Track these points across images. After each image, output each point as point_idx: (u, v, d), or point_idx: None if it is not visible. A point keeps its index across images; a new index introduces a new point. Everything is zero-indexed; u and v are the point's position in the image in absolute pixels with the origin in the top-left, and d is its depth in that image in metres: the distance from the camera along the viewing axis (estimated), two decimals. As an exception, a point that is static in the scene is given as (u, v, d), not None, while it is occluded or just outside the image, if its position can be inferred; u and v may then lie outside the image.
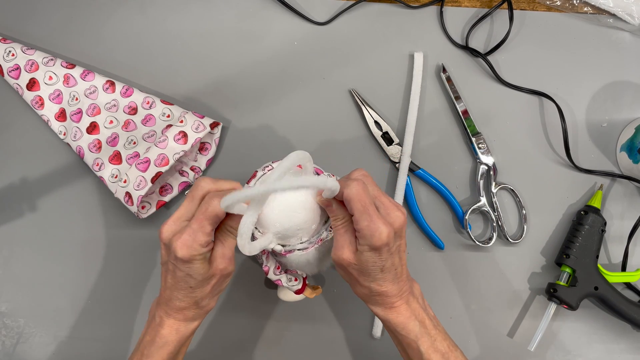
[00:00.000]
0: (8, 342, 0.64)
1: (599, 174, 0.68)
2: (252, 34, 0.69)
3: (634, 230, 0.66)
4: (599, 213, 0.65)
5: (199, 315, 0.50)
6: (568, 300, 0.62)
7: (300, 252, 0.51)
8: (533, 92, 0.68)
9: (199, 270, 0.46)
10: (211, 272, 0.47)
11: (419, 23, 0.70)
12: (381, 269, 0.46)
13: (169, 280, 0.48)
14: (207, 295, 0.49)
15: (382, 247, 0.45)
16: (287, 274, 0.56)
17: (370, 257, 0.45)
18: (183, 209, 0.46)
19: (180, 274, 0.46)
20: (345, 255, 0.47)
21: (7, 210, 0.66)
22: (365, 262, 0.46)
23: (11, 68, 0.65)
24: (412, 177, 0.67)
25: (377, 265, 0.46)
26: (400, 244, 0.47)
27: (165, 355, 0.49)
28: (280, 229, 0.49)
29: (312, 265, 0.55)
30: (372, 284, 0.47)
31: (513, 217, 0.67)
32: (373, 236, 0.44)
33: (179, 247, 0.44)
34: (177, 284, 0.47)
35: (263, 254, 0.54)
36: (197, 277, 0.46)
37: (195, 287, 0.47)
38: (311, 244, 0.51)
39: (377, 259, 0.46)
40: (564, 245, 0.65)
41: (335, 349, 0.65)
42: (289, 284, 0.57)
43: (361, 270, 0.47)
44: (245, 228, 0.41)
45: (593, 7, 0.70)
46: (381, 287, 0.47)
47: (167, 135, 0.61)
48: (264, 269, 0.55)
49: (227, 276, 0.49)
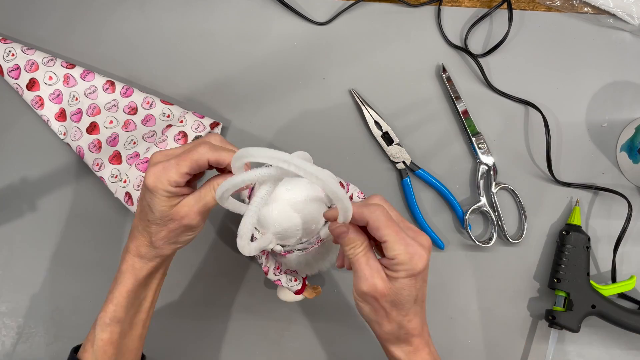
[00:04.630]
0: (8, 342, 0.64)
1: (578, 187, 0.67)
2: (252, 34, 0.69)
3: (618, 242, 0.65)
4: (581, 230, 0.65)
5: (152, 255, 0.48)
6: (568, 324, 0.62)
7: (300, 252, 0.51)
8: (520, 100, 0.68)
9: (159, 206, 0.45)
10: (170, 214, 0.46)
11: (419, 23, 0.70)
12: (415, 299, 0.43)
13: (138, 208, 0.48)
14: (162, 238, 0.47)
15: (422, 272, 0.42)
16: (286, 275, 0.56)
17: (406, 284, 0.42)
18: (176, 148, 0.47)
19: (144, 203, 0.46)
20: (379, 286, 0.42)
21: (7, 210, 0.66)
22: (401, 291, 0.42)
23: (11, 68, 0.65)
24: (412, 177, 0.67)
25: (412, 295, 0.43)
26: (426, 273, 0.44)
27: (124, 293, 0.48)
28: (280, 230, 0.48)
29: (312, 266, 0.55)
30: (403, 318, 0.44)
31: (513, 217, 0.67)
32: (413, 260, 0.41)
33: (150, 174, 0.44)
34: (141, 212, 0.47)
35: (262, 254, 0.53)
36: (155, 211, 0.45)
37: (152, 222, 0.46)
38: (311, 245, 0.51)
39: (412, 287, 0.42)
40: (553, 269, 0.65)
41: (335, 349, 0.65)
42: (289, 284, 0.56)
43: (394, 302, 0.43)
44: (245, 229, 0.41)
45: (593, 8, 0.70)
46: (410, 322, 0.44)
47: (167, 135, 0.61)
48: (263, 269, 0.55)
49: (187, 228, 0.47)
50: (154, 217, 0.46)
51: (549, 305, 0.66)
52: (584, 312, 0.62)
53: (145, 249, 0.48)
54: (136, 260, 0.48)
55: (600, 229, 0.67)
